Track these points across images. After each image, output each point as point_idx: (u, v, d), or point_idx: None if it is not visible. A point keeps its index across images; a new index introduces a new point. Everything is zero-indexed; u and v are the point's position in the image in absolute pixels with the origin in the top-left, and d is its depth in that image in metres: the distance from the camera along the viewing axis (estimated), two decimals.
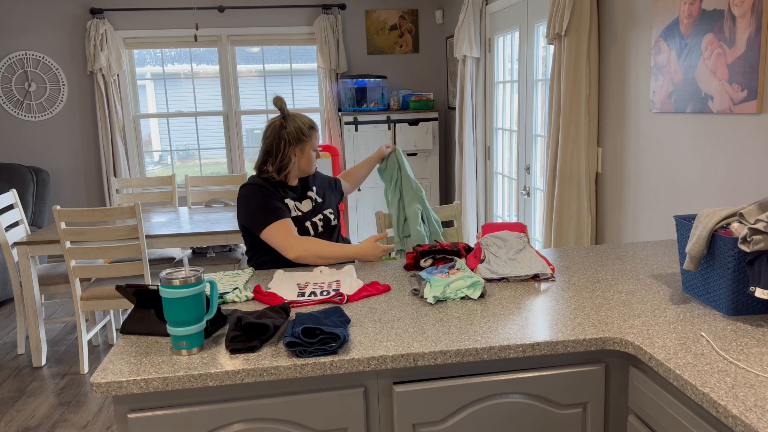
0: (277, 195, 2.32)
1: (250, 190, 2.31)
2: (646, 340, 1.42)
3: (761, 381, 1.21)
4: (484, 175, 4.86)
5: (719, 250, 1.55)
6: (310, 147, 2.38)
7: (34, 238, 3.47)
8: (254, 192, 2.30)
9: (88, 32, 5.30)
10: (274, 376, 1.37)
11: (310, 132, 2.37)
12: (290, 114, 2.40)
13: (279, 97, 2.41)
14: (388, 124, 5.42)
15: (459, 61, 4.72)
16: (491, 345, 1.42)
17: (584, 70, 2.94)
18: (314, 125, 2.41)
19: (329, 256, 2.18)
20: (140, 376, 1.33)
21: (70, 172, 5.63)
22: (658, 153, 2.60)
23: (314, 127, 2.40)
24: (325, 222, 2.42)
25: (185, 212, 4.14)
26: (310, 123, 2.40)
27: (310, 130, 2.38)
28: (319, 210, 2.44)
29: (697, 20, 2.28)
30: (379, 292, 1.84)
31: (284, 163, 2.34)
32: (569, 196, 3.09)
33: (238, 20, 5.61)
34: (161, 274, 1.43)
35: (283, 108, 2.39)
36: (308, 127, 2.38)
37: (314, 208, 2.43)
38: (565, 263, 2.08)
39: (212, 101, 5.83)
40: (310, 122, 2.40)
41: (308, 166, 2.41)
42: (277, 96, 2.42)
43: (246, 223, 2.30)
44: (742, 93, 2.07)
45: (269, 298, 1.80)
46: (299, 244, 2.19)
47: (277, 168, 2.34)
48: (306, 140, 2.36)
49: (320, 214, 2.42)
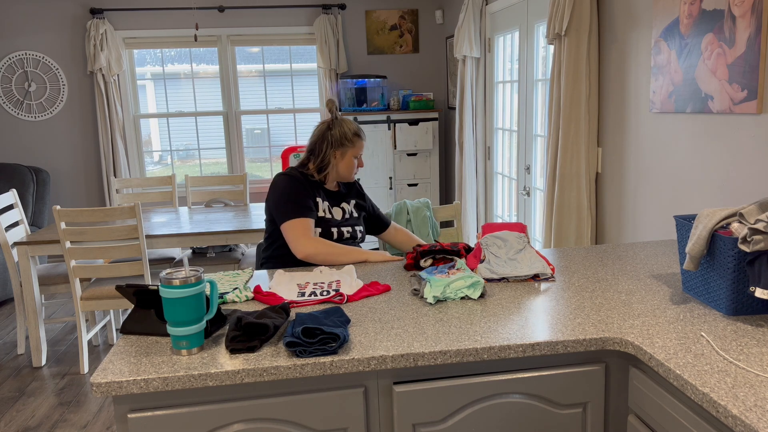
0: (309, 192, 2.33)
1: (285, 180, 2.34)
2: (646, 340, 1.42)
3: (761, 381, 1.21)
4: (484, 175, 4.86)
5: (719, 250, 1.55)
6: (351, 153, 2.39)
7: (34, 238, 3.47)
8: (288, 183, 2.33)
9: (88, 32, 5.30)
10: (274, 376, 1.37)
11: (353, 138, 2.39)
12: (339, 118, 2.43)
13: (331, 99, 2.45)
14: (388, 124, 5.42)
15: (459, 61, 4.72)
16: (491, 345, 1.42)
17: (584, 70, 2.94)
18: (360, 133, 2.42)
19: (338, 260, 2.19)
20: (140, 376, 1.33)
21: (70, 172, 5.63)
22: (658, 153, 2.60)
23: (359, 135, 2.41)
24: (352, 235, 2.41)
25: (185, 212, 4.14)
26: (356, 130, 2.41)
27: (354, 137, 2.39)
28: (350, 224, 2.42)
29: (697, 20, 2.28)
30: (379, 292, 1.84)
31: (324, 164, 2.37)
32: (569, 196, 3.09)
33: (238, 20, 5.61)
34: (161, 274, 1.43)
35: (332, 110, 2.43)
36: (353, 133, 2.39)
37: (345, 219, 2.42)
38: (565, 263, 2.08)
39: (212, 101, 5.83)
40: (356, 129, 2.41)
41: (347, 172, 2.41)
42: (330, 98, 2.46)
43: (272, 210, 2.33)
44: (742, 93, 2.07)
45: (269, 298, 1.80)
46: (311, 244, 2.20)
47: (317, 167, 2.38)
48: (348, 146, 2.38)
49: (350, 227, 2.41)
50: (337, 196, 2.46)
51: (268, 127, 5.94)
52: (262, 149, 6.00)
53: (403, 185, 5.56)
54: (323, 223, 2.34)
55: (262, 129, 5.95)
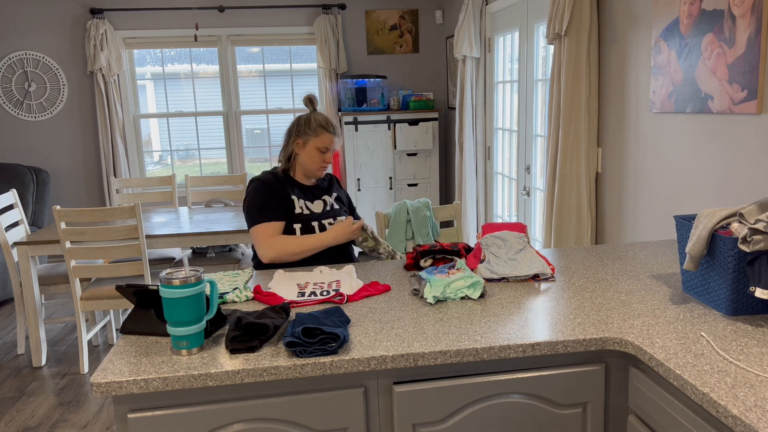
0: (278, 193, 2.31)
1: (252, 186, 2.33)
2: (646, 340, 1.42)
3: (761, 381, 1.21)
4: (484, 175, 4.86)
5: (719, 250, 1.55)
6: (313, 144, 2.33)
7: (34, 238, 3.47)
8: (254, 189, 2.31)
9: (88, 32, 5.30)
10: (274, 376, 1.37)
11: (317, 129, 2.33)
12: (315, 111, 2.40)
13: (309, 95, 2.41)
14: (388, 124, 5.42)
15: (459, 61, 4.72)
16: (491, 345, 1.42)
17: (584, 70, 2.94)
18: (327, 126, 2.35)
19: (303, 250, 2.17)
20: (140, 376, 1.33)
21: (70, 172, 5.63)
22: (658, 153, 2.60)
23: (325, 127, 2.34)
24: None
25: (185, 212, 4.14)
26: (322, 122, 2.35)
27: (319, 128, 2.33)
28: (332, 215, 2.40)
29: (697, 20, 2.28)
30: (379, 292, 1.84)
31: (288, 153, 2.36)
32: (569, 196, 3.09)
33: (238, 20, 5.61)
34: (161, 274, 1.43)
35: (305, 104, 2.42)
36: (318, 124, 2.34)
37: (326, 212, 2.40)
38: (565, 263, 2.08)
39: (212, 101, 5.83)
40: (322, 121, 2.35)
41: (310, 164, 2.36)
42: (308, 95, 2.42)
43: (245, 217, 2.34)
44: (742, 93, 2.07)
45: (269, 298, 1.80)
46: (270, 248, 2.19)
47: (285, 158, 2.38)
48: (311, 135, 2.33)
49: (332, 218, 2.38)
50: (316, 190, 2.42)
51: (268, 127, 5.94)
52: (262, 149, 6.00)
53: (403, 185, 5.56)
54: (303, 220, 2.31)
55: (262, 129, 5.95)
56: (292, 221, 2.31)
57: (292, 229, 2.30)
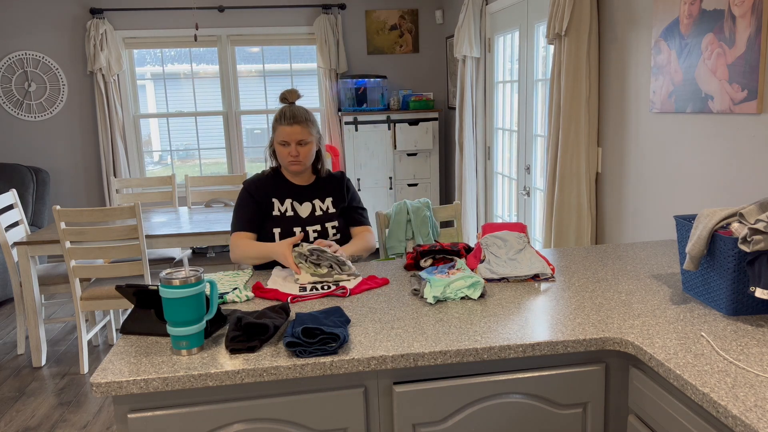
0: (257, 198, 2.26)
1: (239, 193, 2.34)
2: (646, 340, 1.42)
3: (761, 381, 1.21)
4: (484, 175, 4.86)
5: (719, 250, 1.55)
6: (276, 139, 2.26)
7: (34, 238, 3.47)
8: (239, 196, 2.33)
9: (88, 32, 5.30)
10: (274, 376, 1.37)
11: (274, 123, 2.27)
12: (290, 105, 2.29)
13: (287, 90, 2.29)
14: (388, 124, 5.42)
15: (459, 61, 4.72)
16: (491, 345, 1.42)
17: (584, 70, 2.94)
18: (281, 118, 2.23)
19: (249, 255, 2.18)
20: (140, 376, 1.33)
21: (70, 172, 5.63)
22: (658, 153, 2.60)
23: (279, 119, 2.24)
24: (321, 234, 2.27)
25: (185, 212, 4.14)
26: (278, 115, 2.25)
27: (275, 122, 2.26)
28: (319, 221, 2.28)
29: (697, 20, 2.28)
30: (378, 285, 1.87)
31: (271, 151, 2.35)
32: (569, 196, 3.09)
33: (238, 20, 5.61)
34: (161, 274, 1.43)
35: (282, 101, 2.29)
36: (275, 118, 2.27)
37: (314, 217, 2.28)
38: (565, 263, 2.08)
39: (212, 101, 5.83)
40: (279, 114, 2.24)
41: (281, 160, 2.28)
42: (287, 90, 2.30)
43: None
44: (742, 93, 2.07)
45: (271, 294, 1.80)
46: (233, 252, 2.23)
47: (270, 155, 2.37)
48: (275, 130, 2.26)
49: (318, 225, 2.27)
50: (307, 191, 2.33)
51: (268, 127, 5.93)
52: (262, 149, 5.99)
53: (403, 185, 5.56)
54: (283, 223, 2.24)
55: (262, 129, 5.95)
56: (271, 225, 2.24)
57: (271, 233, 2.23)
